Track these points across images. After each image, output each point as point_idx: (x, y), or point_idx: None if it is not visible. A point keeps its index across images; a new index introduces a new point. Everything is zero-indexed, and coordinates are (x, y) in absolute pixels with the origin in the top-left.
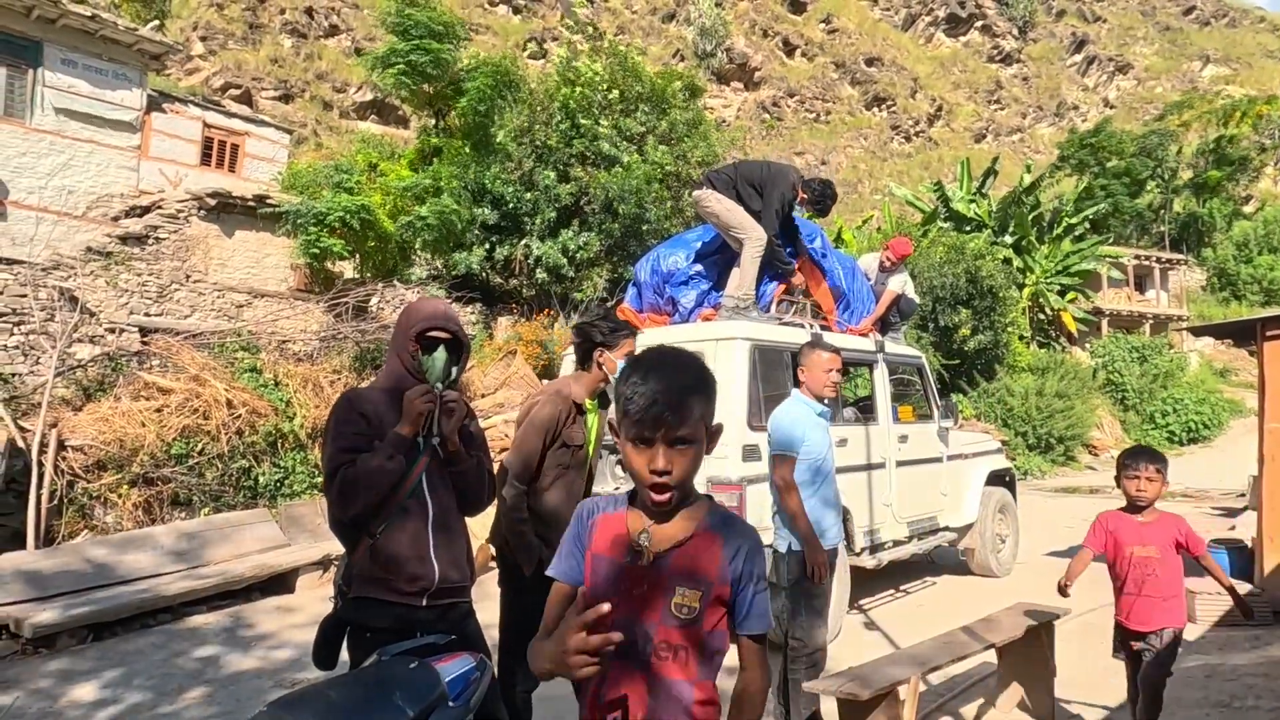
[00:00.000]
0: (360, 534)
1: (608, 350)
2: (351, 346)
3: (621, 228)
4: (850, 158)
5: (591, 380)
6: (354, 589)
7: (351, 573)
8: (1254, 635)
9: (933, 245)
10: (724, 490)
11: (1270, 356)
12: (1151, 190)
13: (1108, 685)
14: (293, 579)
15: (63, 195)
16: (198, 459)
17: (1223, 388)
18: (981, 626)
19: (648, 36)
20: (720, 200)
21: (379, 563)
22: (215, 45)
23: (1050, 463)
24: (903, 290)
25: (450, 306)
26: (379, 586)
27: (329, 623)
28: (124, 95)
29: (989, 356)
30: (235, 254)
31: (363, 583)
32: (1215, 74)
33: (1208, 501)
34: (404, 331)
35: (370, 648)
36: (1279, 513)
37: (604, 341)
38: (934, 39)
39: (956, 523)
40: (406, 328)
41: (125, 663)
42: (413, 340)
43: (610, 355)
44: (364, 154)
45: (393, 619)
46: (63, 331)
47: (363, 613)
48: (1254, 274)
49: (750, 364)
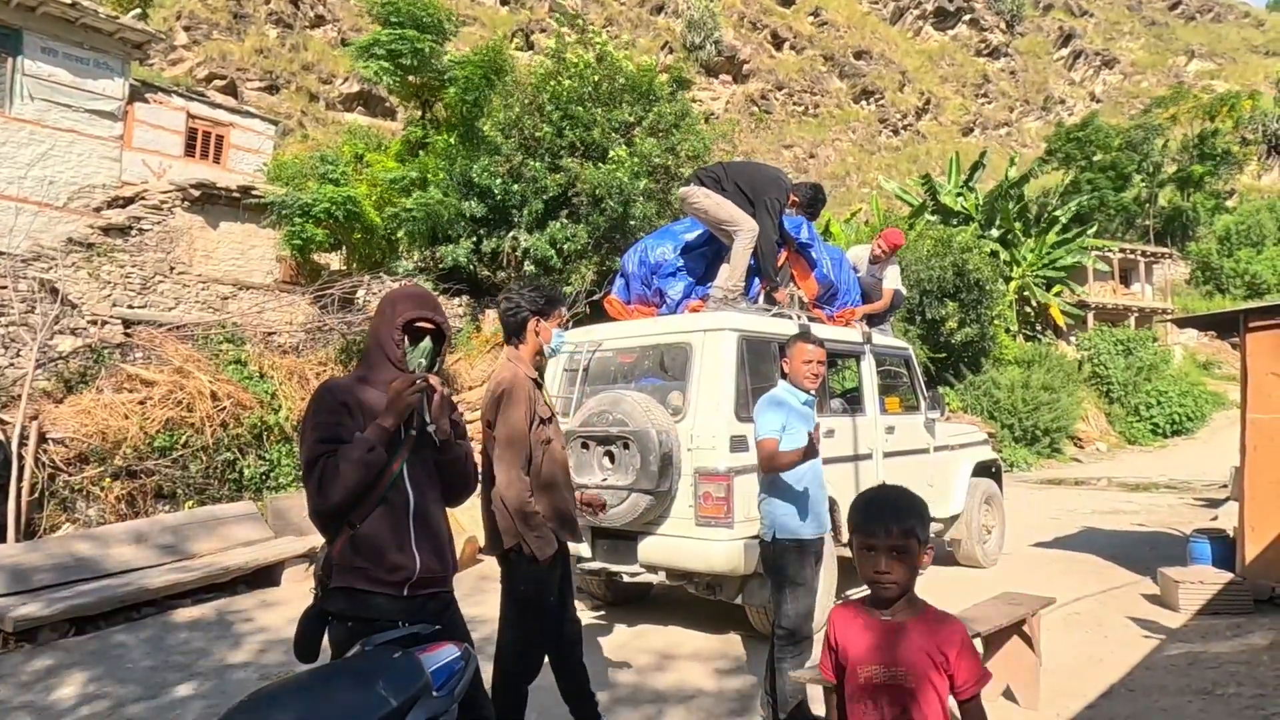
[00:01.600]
0: (340, 524)
1: (543, 320)
2: (338, 339)
3: (608, 221)
4: (839, 151)
5: (531, 350)
6: (334, 579)
7: (331, 564)
8: (1235, 623)
9: (920, 238)
10: (711, 481)
11: (1252, 348)
12: (1137, 184)
13: (1093, 674)
14: (278, 572)
15: (43, 186)
16: (182, 451)
17: (1206, 380)
18: (968, 616)
19: (636, 28)
20: (709, 196)
21: (360, 553)
22: (199, 35)
23: (1036, 455)
24: (898, 287)
25: (432, 294)
26: (359, 576)
27: (310, 614)
28: (106, 84)
29: (976, 349)
30: (220, 246)
31: (343, 573)
32: (1200, 69)
33: (1190, 493)
34: (389, 321)
35: (351, 638)
36: (1260, 503)
37: (539, 311)
38: (922, 32)
39: (943, 514)
40: (391, 317)
41: (109, 656)
42: (399, 329)
43: (545, 324)
44: (350, 145)
45: (373, 609)
46: (43, 323)
47: (343, 603)
48: (1236, 268)
49: (738, 355)
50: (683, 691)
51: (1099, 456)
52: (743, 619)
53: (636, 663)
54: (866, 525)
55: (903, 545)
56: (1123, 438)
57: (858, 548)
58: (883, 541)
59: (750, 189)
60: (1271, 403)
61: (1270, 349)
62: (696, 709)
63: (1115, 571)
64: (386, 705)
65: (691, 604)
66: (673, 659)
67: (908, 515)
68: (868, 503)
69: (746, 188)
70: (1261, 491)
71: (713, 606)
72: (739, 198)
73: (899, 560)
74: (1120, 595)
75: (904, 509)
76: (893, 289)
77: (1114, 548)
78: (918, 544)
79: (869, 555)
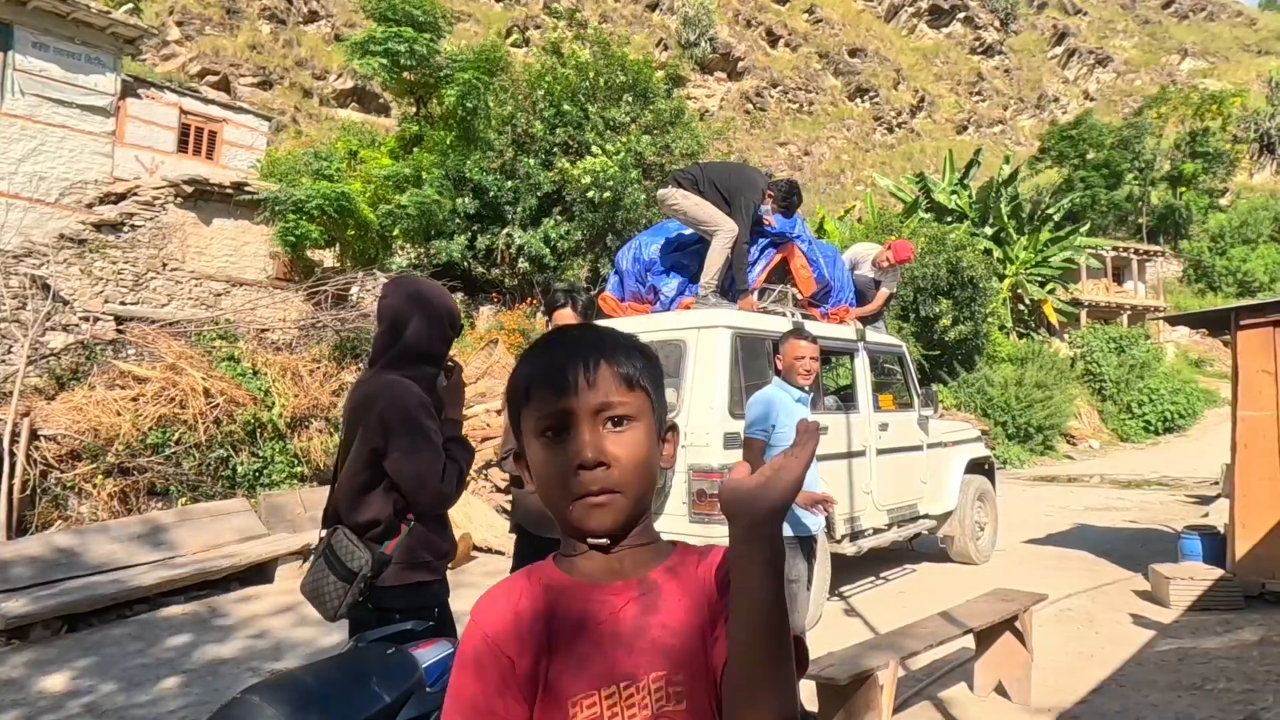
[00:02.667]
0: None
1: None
2: (331, 335)
3: (601, 218)
4: (833, 148)
5: None
6: (392, 578)
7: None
8: (1226, 619)
9: (914, 236)
10: (705, 478)
11: (1243, 346)
12: (1130, 182)
13: (1084, 670)
14: (271, 569)
15: (34, 182)
16: (174, 448)
17: (1198, 378)
18: (960, 612)
19: (631, 25)
20: (687, 197)
21: (423, 545)
22: (192, 31)
23: (1029, 452)
24: (893, 290)
25: None
26: (423, 570)
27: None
28: (98, 80)
29: (969, 347)
30: (213, 242)
31: (405, 569)
32: (1193, 67)
33: (1182, 489)
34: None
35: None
36: (1251, 499)
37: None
38: (917, 30)
39: (936, 510)
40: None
41: (100, 653)
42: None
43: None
44: (344, 141)
45: (429, 597)
46: (35, 320)
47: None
48: (1229, 266)
49: (732, 352)
50: None
51: (1092, 454)
52: None
53: None
54: (548, 379)
55: (623, 403)
56: (1115, 435)
57: (532, 436)
58: (585, 399)
59: (726, 190)
60: (1262, 400)
61: (1261, 346)
62: None
63: (1107, 568)
64: (380, 701)
65: None
66: None
67: (616, 349)
68: (540, 348)
69: (723, 188)
70: (1252, 488)
71: None
72: (715, 198)
73: (623, 434)
74: (1112, 591)
75: (609, 343)
76: (887, 293)
77: (1106, 544)
78: (650, 405)
79: (556, 444)
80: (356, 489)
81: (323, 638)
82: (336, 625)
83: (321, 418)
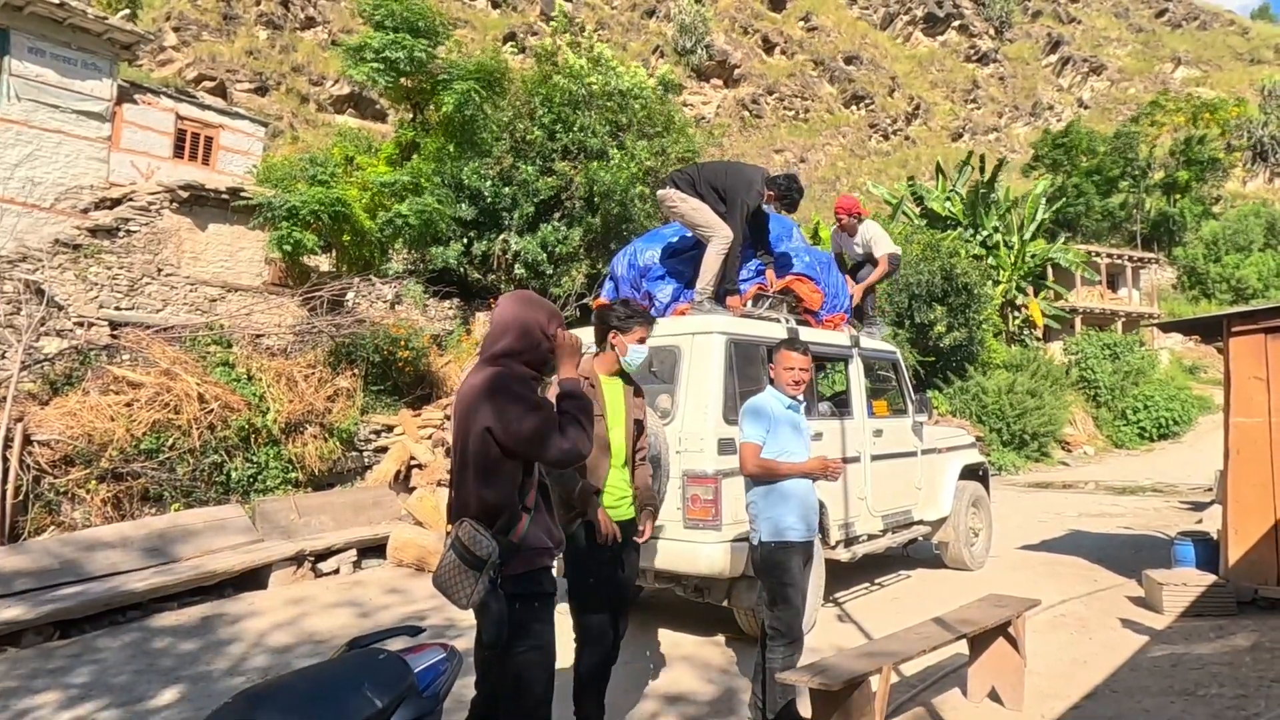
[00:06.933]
0: (521, 511)
1: (621, 334)
2: (326, 341)
3: (603, 223)
4: (829, 156)
5: (607, 360)
6: (520, 564)
7: (510, 547)
8: (1219, 625)
9: (909, 243)
10: (699, 484)
11: (1235, 352)
12: (1124, 189)
13: (1077, 676)
14: (265, 575)
15: (29, 186)
16: (168, 454)
17: (1192, 384)
18: (954, 618)
19: (628, 32)
20: (685, 200)
21: (543, 531)
22: (189, 36)
23: (1024, 458)
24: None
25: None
26: (545, 555)
27: (503, 608)
28: (94, 85)
29: (964, 353)
30: (209, 248)
31: (529, 554)
32: (1187, 75)
33: (1176, 496)
34: (542, 327)
35: (526, 615)
36: (1243, 506)
37: (618, 325)
38: (912, 38)
39: (931, 516)
40: (545, 323)
41: (94, 660)
42: (550, 321)
43: (623, 338)
44: (341, 147)
45: (547, 582)
46: (29, 325)
47: (526, 585)
48: (1222, 273)
49: (726, 357)
50: (671, 693)
51: (1086, 460)
52: (731, 621)
53: (625, 666)
54: None
55: None
56: (1110, 441)
57: None
58: None
59: (723, 190)
60: (1254, 406)
61: (1253, 353)
62: (685, 711)
63: (1101, 574)
64: (372, 706)
65: (680, 606)
66: (661, 661)
67: None
68: None
69: (720, 189)
70: (1244, 494)
71: (701, 609)
72: (712, 199)
73: None
74: (1105, 597)
75: None
76: (886, 253)
77: (1100, 550)
78: None
79: None
80: (477, 476)
81: (316, 643)
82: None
83: (316, 423)
